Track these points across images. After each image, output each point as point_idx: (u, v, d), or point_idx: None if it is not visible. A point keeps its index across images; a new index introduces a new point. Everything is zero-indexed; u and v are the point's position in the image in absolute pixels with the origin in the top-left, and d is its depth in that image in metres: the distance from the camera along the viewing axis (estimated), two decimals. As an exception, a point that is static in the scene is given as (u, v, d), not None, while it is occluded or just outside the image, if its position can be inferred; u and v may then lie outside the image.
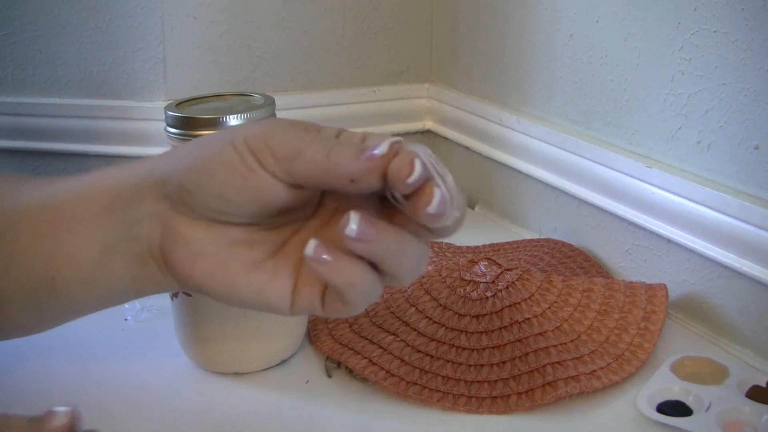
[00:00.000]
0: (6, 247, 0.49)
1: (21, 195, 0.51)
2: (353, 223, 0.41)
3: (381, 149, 0.41)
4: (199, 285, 0.47)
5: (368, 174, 0.41)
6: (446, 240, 0.91)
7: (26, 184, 0.52)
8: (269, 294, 0.46)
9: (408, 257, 0.43)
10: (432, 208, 0.40)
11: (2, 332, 0.52)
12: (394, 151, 0.41)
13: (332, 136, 0.45)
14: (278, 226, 0.48)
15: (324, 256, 0.42)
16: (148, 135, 0.99)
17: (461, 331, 0.68)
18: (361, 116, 1.08)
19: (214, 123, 0.68)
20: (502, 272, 0.71)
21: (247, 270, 0.46)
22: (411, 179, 0.40)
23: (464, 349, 0.67)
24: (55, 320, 0.52)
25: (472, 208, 1.06)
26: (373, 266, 0.43)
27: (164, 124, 0.70)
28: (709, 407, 0.61)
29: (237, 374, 0.68)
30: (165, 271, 0.48)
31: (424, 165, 0.40)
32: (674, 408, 0.62)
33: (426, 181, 0.40)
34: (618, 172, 0.81)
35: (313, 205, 0.48)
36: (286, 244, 0.48)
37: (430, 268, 0.76)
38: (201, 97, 0.74)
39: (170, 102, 0.72)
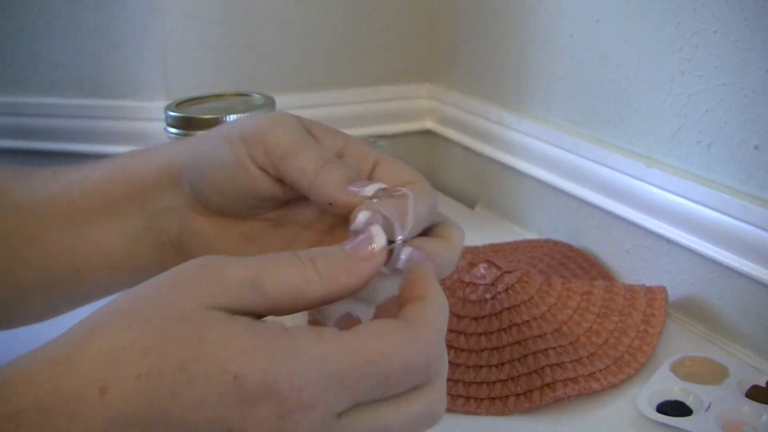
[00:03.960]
0: (23, 240, 0.49)
1: (32, 187, 0.51)
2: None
3: (367, 190, 0.41)
4: None
5: (344, 208, 0.42)
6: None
7: (35, 176, 0.52)
8: None
9: None
10: (351, 225, 0.41)
11: (20, 319, 0.52)
12: (377, 197, 0.42)
13: (331, 152, 0.45)
14: (287, 223, 0.48)
15: None
16: (148, 135, 0.99)
17: (460, 333, 0.68)
18: (361, 116, 1.08)
19: (214, 123, 0.68)
20: (501, 274, 0.71)
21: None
22: (351, 226, 0.41)
23: (463, 350, 0.67)
24: (76, 305, 0.53)
25: (472, 208, 1.06)
26: None
27: (164, 124, 0.70)
28: (709, 407, 0.61)
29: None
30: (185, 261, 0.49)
31: (368, 221, 0.40)
32: (674, 408, 0.62)
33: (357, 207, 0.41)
34: (618, 172, 0.81)
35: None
36: (296, 240, 0.48)
37: (429, 268, 0.75)
38: (201, 97, 0.74)
39: (170, 102, 0.72)
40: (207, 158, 0.46)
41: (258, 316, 0.37)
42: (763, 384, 0.64)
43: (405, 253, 0.40)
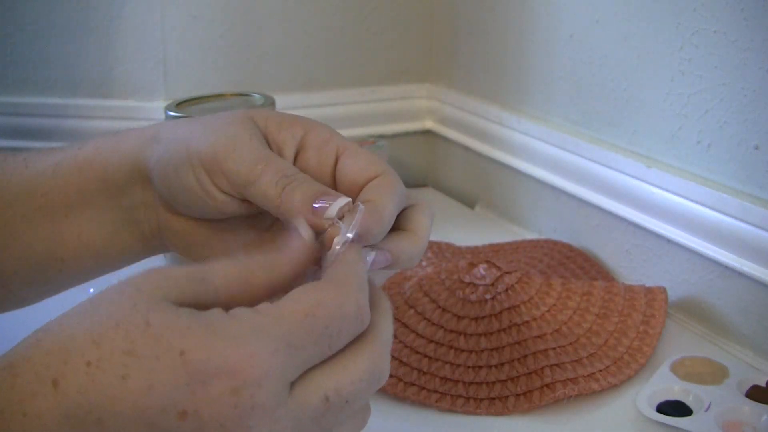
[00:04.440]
0: (2, 231, 0.50)
1: (4, 177, 0.51)
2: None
3: (330, 212, 0.42)
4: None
5: (314, 226, 0.43)
6: (445, 240, 0.91)
7: (7, 162, 0.52)
8: None
9: None
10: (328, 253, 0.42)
11: (5, 305, 0.52)
12: (340, 215, 0.43)
13: (289, 164, 0.45)
14: (261, 212, 0.48)
15: None
16: (148, 135, 0.99)
17: (460, 333, 0.68)
18: (361, 116, 1.08)
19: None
20: (501, 275, 0.71)
21: (237, 252, 0.47)
22: (330, 252, 0.42)
23: (463, 350, 0.67)
24: (61, 290, 0.53)
25: (472, 208, 1.06)
26: None
27: (164, 125, 0.70)
28: (709, 407, 0.61)
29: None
30: (169, 250, 0.50)
31: (344, 242, 0.42)
32: (674, 408, 0.62)
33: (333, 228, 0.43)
34: (618, 172, 0.81)
35: None
36: (271, 227, 0.49)
37: (429, 269, 0.75)
38: (201, 97, 0.74)
39: (170, 102, 0.72)
40: (174, 181, 0.46)
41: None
42: (763, 384, 0.64)
43: (370, 256, 0.42)
